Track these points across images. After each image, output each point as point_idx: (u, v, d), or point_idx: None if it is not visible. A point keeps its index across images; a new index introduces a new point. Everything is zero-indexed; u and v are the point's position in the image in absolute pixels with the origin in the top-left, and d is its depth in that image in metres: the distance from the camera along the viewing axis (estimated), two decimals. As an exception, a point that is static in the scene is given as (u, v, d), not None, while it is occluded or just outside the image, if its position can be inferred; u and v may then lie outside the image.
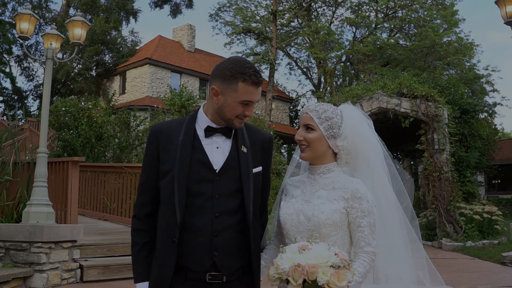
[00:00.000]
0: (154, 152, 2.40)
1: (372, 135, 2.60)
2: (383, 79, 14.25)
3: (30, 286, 5.77)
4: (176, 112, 13.58)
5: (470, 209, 11.51)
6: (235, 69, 2.29)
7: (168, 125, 2.47)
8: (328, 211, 2.32)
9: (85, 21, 6.97)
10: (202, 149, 2.38)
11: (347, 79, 37.16)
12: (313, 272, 2.07)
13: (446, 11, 30.33)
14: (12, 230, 5.95)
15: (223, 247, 2.33)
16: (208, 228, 2.32)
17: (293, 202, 2.42)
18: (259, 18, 33.92)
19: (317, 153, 2.43)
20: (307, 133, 2.43)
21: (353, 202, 2.35)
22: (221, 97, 2.31)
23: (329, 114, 2.44)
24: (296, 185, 2.51)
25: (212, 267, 2.31)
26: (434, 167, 12.04)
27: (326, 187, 2.41)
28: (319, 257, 2.11)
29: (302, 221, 2.36)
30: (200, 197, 2.33)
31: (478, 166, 16.69)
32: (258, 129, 2.61)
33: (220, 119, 2.36)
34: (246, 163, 2.41)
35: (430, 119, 12.39)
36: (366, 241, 2.34)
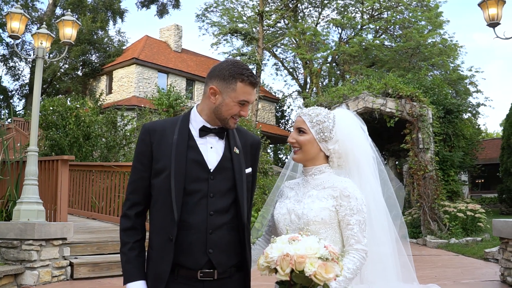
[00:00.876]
0: (146, 150, 2.41)
1: (364, 140, 2.66)
2: (369, 80, 14.42)
3: (21, 284, 5.81)
4: (163, 112, 13.59)
5: (454, 207, 11.72)
6: (234, 70, 2.35)
7: (162, 123, 2.49)
8: (316, 209, 2.37)
9: (75, 21, 7.04)
10: (197, 148, 2.41)
11: (333, 80, 37.26)
12: (300, 262, 2.09)
13: (430, 13, 30.62)
14: (3, 228, 5.97)
15: (217, 245, 2.36)
16: (203, 226, 2.35)
17: (287, 202, 2.50)
18: (245, 19, 34.06)
19: (309, 155, 2.50)
20: (299, 135, 2.51)
21: (342, 200, 2.39)
22: (219, 96, 2.36)
23: (321, 118, 2.50)
24: (292, 187, 2.59)
25: (207, 264, 2.34)
26: (419, 166, 12.23)
27: (317, 187, 2.47)
28: (308, 248, 2.12)
29: (293, 220, 2.42)
30: (195, 196, 2.36)
31: (462, 165, 16.89)
32: (248, 131, 2.66)
33: (216, 118, 2.41)
34: (239, 164, 2.46)
35: (415, 119, 12.57)
36: (355, 239, 2.36)
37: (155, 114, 17.44)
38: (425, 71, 19.79)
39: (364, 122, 2.74)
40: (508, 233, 5.36)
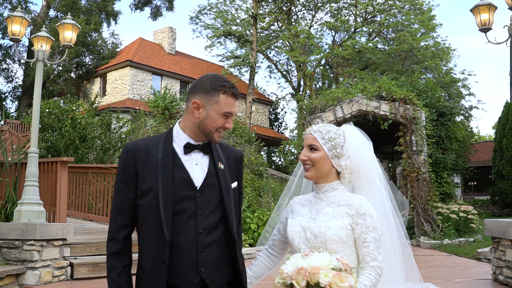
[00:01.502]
0: (131, 170, 2.36)
1: (372, 155, 2.68)
2: (363, 83, 14.58)
3: (23, 283, 5.89)
4: (159, 114, 13.69)
5: (447, 208, 11.89)
6: (216, 83, 2.36)
7: (144, 142, 2.44)
8: (334, 227, 2.36)
9: (75, 24, 7.13)
10: (183, 166, 2.38)
11: (327, 82, 37.33)
12: (315, 274, 2.13)
13: (423, 16, 30.69)
14: (4, 229, 6.05)
15: (209, 263, 2.34)
16: (193, 245, 2.31)
17: (300, 220, 2.48)
18: (239, 21, 34.05)
19: (321, 172, 2.49)
20: (311, 153, 2.50)
21: (358, 218, 2.39)
22: (202, 110, 2.36)
23: (332, 135, 2.51)
24: (303, 204, 2.56)
25: (200, 283, 2.32)
26: (412, 168, 12.39)
27: (331, 204, 2.46)
28: (321, 261, 2.18)
29: (310, 238, 2.40)
30: (184, 215, 2.33)
31: (455, 167, 17.00)
32: (230, 146, 2.68)
33: (201, 133, 2.40)
34: (225, 179, 2.45)
35: (408, 122, 12.73)
36: (371, 256, 2.37)
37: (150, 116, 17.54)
38: (418, 74, 19.97)
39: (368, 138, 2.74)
40: (499, 232, 5.51)
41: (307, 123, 13.41)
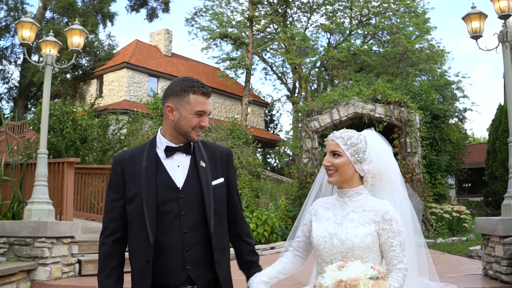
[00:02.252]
0: (119, 180, 2.50)
1: (393, 158, 2.74)
2: (358, 86, 14.88)
3: (34, 279, 6.12)
4: (158, 116, 13.94)
5: (441, 208, 12.21)
6: (184, 84, 2.47)
7: (130, 152, 2.58)
8: (361, 235, 2.42)
9: (83, 30, 7.39)
10: (165, 170, 2.49)
11: (322, 84, 37.37)
12: (355, 285, 2.17)
13: (418, 19, 30.85)
14: (16, 227, 6.28)
15: (194, 261, 2.43)
16: (179, 244, 2.42)
17: (326, 224, 2.52)
18: (235, 23, 34.00)
19: (345, 177, 2.54)
20: (334, 158, 2.54)
21: (384, 224, 2.45)
22: (176, 112, 2.47)
23: (354, 140, 2.56)
24: (327, 207, 2.61)
25: (187, 281, 2.42)
26: (407, 169, 12.69)
27: (357, 209, 2.51)
28: (358, 271, 2.21)
29: (336, 244, 2.45)
30: (169, 216, 2.43)
31: (449, 169, 17.36)
32: (215, 144, 2.76)
33: (178, 134, 2.51)
34: (205, 177, 2.52)
35: (403, 124, 13.05)
36: (398, 259, 2.44)
37: (148, 118, 17.77)
38: (413, 77, 20.24)
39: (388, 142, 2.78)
40: (489, 229, 5.80)
41: (304, 125, 13.69)
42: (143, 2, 38.72)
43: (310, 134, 13.57)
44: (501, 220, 5.56)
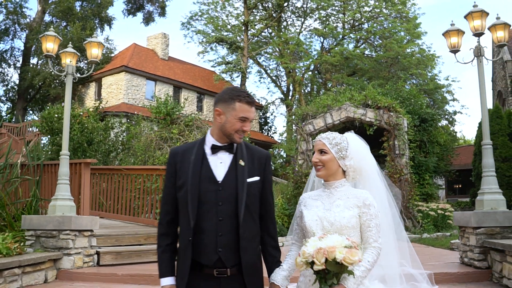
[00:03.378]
0: (172, 170, 2.84)
1: (370, 155, 3.11)
2: (350, 91, 15.58)
3: (60, 267, 6.80)
4: (161, 120, 14.61)
5: (427, 206, 12.97)
6: (232, 93, 2.79)
7: (184, 147, 2.91)
8: (347, 217, 2.78)
9: (101, 42, 8.11)
10: (208, 165, 2.80)
11: (315, 88, 37.79)
12: (332, 251, 2.51)
13: (409, 24, 31.21)
14: (42, 221, 6.97)
15: (225, 245, 2.72)
16: (214, 229, 2.72)
17: (316, 210, 2.88)
18: (230, 27, 34.32)
19: (330, 171, 2.91)
20: (322, 156, 2.92)
21: (364, 208, 2.82)
22: (223, 116, 2.77)
23: (338, 140, 2.94)
24: (315, 198, 2.98)
25: (218, 261, 2.71)
26: (395, 169, 13.45)
27: (342, 197, 2.88)
28: (335, 241, 2.56)
29: (326, 226, 2.80)
30: (207, 205, 2.74)
31: (437, 170, 17.95)
32: (256, 147, 3.04)
33: (223, 135, 2.81)
34: (242, 174, 2.81)
35: (392, 128, 13.79)
36: (373, 238, 2.80)
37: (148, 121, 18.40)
38: (403, 83, 20.91)
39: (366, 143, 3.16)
40: (464, 222, 6.56)
41: (300, 128, 14.44)
42: (139, 6, 38.94)
43: (305, 137, 14.31)
44: (474, 213, 6.33)
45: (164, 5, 38.98)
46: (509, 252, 5.41)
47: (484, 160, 6.81)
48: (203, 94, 35.06)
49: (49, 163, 9.82)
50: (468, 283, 5.92)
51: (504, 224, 6.08)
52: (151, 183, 10.22)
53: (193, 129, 14.14)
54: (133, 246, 8.11)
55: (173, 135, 13.81)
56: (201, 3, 34.95)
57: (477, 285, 5.80)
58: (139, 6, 39.05)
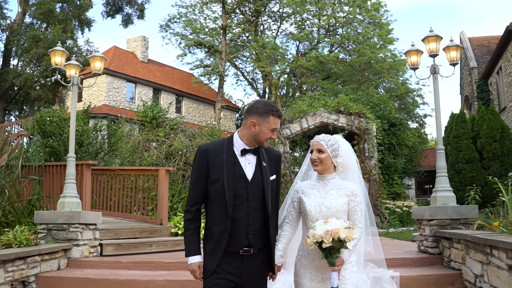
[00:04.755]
0: (204, 165, 3.20)
1: (354, 154, 3.74)
2: (324, 98, 16.65)
3: (70, 256, 7.68)
4: (147, 123, 15.49)
5: (393, 204, 14.15)
6: (267, 108, 3.19)
7: (213, 146, 3.27)
8: (341, 203, 3.40)
9: (103, 57, 9.03)
10: (240, 165, 3.19)
11: (291, 90, 38.54)
12: (337, 232, 3.11)
13: (382, 30, 32.21)
14: (53, 215, 7.83)
15: (254, 232, 3.17)
16: (245, 220, 3.15)
17: (313, 198, 3.45)
18: (208, 31, 34.71)
19: (325, 167, 3.50)
20: (320, 154, 3.49)
21: (352, 197, 3.45)
22: (257, 127, 3.17)
23: (332, 142, 3.52)
24: (311, 187, 3.55)
25: (247, 246, 3.16)
26: (365, 170, 14.54)
27: (334, 188, 3.48)
28: (338, 224, 3.17)
29: (323, 210, 3.38)
30: (239, 199, 3.14)
31: (406, 171, 18.88)
32: (271, 148, 3.44)
33: (255, 142, 3.21)
34: (266, 174, 3.24)
35: (362, 132, 14.90)
36: (359, 220, 3.46)
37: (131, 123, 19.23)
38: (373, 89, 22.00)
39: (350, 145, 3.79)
40: (420, 215, 7.67)
41: (278, 132, 15.49)
42: (118, 8, 39.10)
43: (283, 140, 15.38)
44: (428, 208, 7.45)
45: (143, 8, 39.30)
46: (456, 240, 6.52)
47: (438, 162, 7.91)
48: (182, 96, 35.72)
49: (49, 164, 10.68)
50: (423, 266, 7.00)
51: (453, 217, 7.19)
52: (143, 182, 11.10)
53: (178, 132, 15.05)
54: (130, 239, 9.01)
55: (159, 137, 14.71)
56: (179, 6, 35.53)
57: (431, 268, 6.88)
58: (118, 8, 39.27)
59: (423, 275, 6.31)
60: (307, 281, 3.42)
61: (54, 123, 14.58)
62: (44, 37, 31.58)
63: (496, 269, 5.08)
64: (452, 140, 18.17)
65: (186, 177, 13.95)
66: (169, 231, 9.94)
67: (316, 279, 3.40)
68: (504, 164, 16.08)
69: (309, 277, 3.41)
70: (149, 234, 9.57)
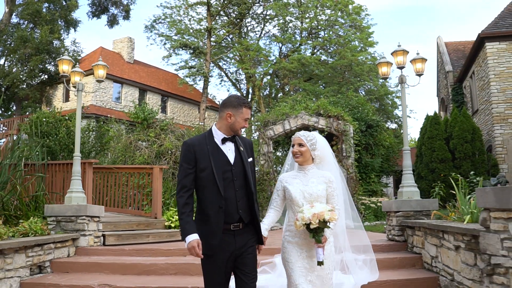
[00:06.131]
0: (191, 157, 3.54)
1: (329, 148, 4.18)
2: (306, 102, 17.68)
3: (78, 245, 8.55)
4: (138, 123, 16.35)
5: (369, 200, 15.23)
6: (240, 101, 3.61)
7: (196, 139, 3.63)
8: (321, 189, 3.82)
9: (105, 65, 9.91)
10: (222, 152, 3.58)
11: (274, 91, 39.33)
12: (322, 215, 3.52)
13: (362, 34, 33.18)
14: (62, 209, 8.68)
15: (242, 207, 3.55)
16: (234, 198, 3.52)
17: (296, 186, 3.86)
18: (192, 32, 35.14)
19: (305, 158, 3.90)
20: (300, 148, 3.89)
21: (330, 183, 3.88)
22: (232, 117, 3.57)
23: (311, 137, 3.91)
24: (294, 177, 3.95)
25: (239, 220, 3.52)
26: (342, 169, 15.58)
27: (314, 176, 3.89)
28: (322, 208, 3.59)
29: (306, 196, 3.80)
30: (227, 180, 3.51)
31: (383, 170, 20.01)
32: (243, 137, 3.84)
33: (231, 131, 3.59)
34: (245, 157, 3.63)
35: (340, 133, 15.93)
36: (336, 203, 3.88)
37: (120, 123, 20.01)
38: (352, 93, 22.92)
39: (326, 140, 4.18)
40: (388, 208, 8.68)
41: (262, 133, 16.48)
42: (104, 9, 39.39)
43: (266, 140, 16.38)
44: (395, 201, 8.49)
45: (129, 9, 39.71)
46: (417, 228, 7.55)
47: (404, 161, 8.96)
48: (167, 96, 36.26)
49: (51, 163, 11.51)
50: (390, 252, 8.01)
51: (416, 209, 8.22)
52: (138, 179, 11.99)
53: (168, 132, 15.95)
54: (128, 231, 9.90)
55: (150, 137, 15.60)
56: (164, 7, 35.94)
57: (397, 253, 7.88)
58: (103, 8, 39.54)
59: (389, 258, 7.33)
60: (294, 258, 3.83)
61: (50, 124, 15.30)
62: (32, 37, 32.09)
63: (446, 250, 6.10)
64: (427, 141, 19.13)
65: (176, 175, 14.82)
66: (163, 224, 10.82)
67: (301, 255, 3.82)
68: (475, 164, 17.08)
69: (295, 254, 3.83)
70: (145, 226, 10.45)
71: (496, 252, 4.23)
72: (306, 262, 3.81)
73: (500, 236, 4.17)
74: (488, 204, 4.29)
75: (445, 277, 6.16)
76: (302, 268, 3.80)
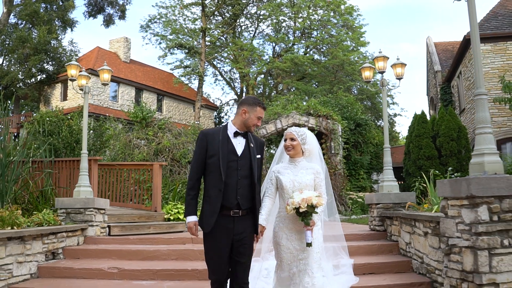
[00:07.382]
0: (204, 144, 3.81)
1: (317, 143, 4.41)
2: (297, 102, 18.44)
3: (86, 235, 9.30)
4: (137, 122, 17.08)
5: (356, 195, 16.05)
6: (256, 101, 3.94)
7: (212, 130, 3.91)
8: (310, 179, 4.14)
9: (110, 70, 10.66)
10: (232, 143, 3.83)
11: (267, 90, 39.75)
12: (310, 199, 3.85)
13: (354, 34, 33.77)
14: (71, 201, 9.41)
15: (242, 195, 3.79)
16: (235, 184, 3.76)
17: (288, 176, 4.16)
18: (187, 31, 35.69)
19: (296, 151, 4.19)
20: (292, 142, 4.18)
21: (317, 174, 4.18)
22: (247, 114, 3.86)
23: (301, 133, 4.21)
24: (285, 168, 4.25)
25: (237, 205, 3.76)
26: (331, 165, 16.29)
27: (303, 168, 4.19)
28: (310, 194, 3.93)
29: (296, 185, 4.09)
30: (231, 168, 3.77)
31: (373, 167, 20.59)
32: (256, 136, 4.09)
33: (244, 127, 3.88)
34: (253, 152, 3.88)
35: (329, 132, 16.68)
36: (323, 192, 4.17)
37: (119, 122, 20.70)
38: (342, 93, 23.58)
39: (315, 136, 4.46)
40: (370, 200, 9.43)
41: (255, 132, 17.26)
42: (100, 9, 39.89)
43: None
44: (376, 194, 9.29)
45: (124, 9, 40.23)
46: (394, 218, 8.33)
47: (384, 158, 9.75)
48: (163, 95, 36.75)
49: (58, 160, 12.26)
50: (370, 240, 8.78)
51: (395, 201, 9.00)
52: (139, 175, 12.74)
53: (166, 131, 16.71)
54: (131, 223, 10.64)
55: (148, 136, 16.35)
56: (159, 7, 36.36)
57: (377, 241, 8.63)
58: (99, 8, 40.02)
59: (369, 245, 8.12)
60: (284, 241, 4.16)
61: (54, 123, 16.00)
62: (30, 38, 32.67)
63: (417, 237, 6.91)
64: (414, 139, 19.41)
65: (174, 171, 15.59)
66: (163, 217, 11.54)
67: (291, 238, 4.14)
68: (460, 161, 17.62)
69: (285, 237, 4.15)
70: (146, 219, 11.20)
71: (452, 234, 4.96)
72: (296, 243, 4.12)
73: (456, 221, 4.89)
74: (446, 194, 5.00)
75: (416, 260, 6.96)
76: (292, 249, 4.12)
